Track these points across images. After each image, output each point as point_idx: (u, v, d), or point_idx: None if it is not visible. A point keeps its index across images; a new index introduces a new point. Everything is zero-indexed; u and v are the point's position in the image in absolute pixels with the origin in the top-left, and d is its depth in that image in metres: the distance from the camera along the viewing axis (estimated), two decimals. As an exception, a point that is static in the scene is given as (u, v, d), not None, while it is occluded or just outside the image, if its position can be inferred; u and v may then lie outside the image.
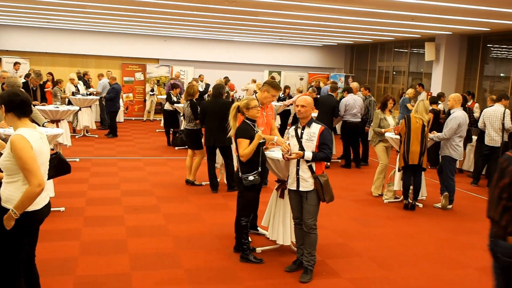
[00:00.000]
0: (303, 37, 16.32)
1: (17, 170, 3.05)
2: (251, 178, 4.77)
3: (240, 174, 4.86)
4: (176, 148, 11.57)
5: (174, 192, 7.63)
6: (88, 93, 13.17)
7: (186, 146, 9.00)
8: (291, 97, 13.51)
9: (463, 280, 4.81)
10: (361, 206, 7.33)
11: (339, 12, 9.97)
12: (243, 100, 4.96)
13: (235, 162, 6.08)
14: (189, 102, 8.20)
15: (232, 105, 5.03)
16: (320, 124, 4.54)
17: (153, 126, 15.58)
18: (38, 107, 8.58)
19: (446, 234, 6.21)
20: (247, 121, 4.92)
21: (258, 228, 5.79)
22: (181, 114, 11.17)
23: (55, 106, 10.12)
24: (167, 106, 11.79)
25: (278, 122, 12.96)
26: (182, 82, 15.23)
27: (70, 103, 12.13)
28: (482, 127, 8.98)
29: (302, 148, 4.47)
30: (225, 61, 18.47)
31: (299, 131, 4.56)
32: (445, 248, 5.70)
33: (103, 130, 13.56)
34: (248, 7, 10.07)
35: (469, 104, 10.73)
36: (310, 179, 4.46)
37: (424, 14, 9.86)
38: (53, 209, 4.03)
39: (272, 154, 5.07)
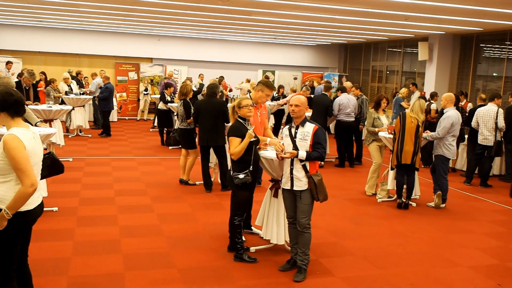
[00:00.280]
0: (297, 36, 16.33)
1: (10, 170, 3.03)
2: (241, 176, 4.76)
3: (231, 173, 4.87)
4: (170, 147, 11.54)
5: (167, 191, 7.61)
6: (81, 92, 13.12)
7: (180, 146, 8.99)
8: (285, 96, 13.52)
9: (455, 278, 4.84)
10: (354, 205, 7.35)
11: (333, 11, 9.99)
12: (237, 99, 5.03)
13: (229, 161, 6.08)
14: (182, 102, 8.20)
15: (225, 104, 5.05)
16: (314, 123, 4.55)
17: (146, 125, 15.54)
18: (31, 107, 8.53)
19: (439, 233, 6.24)
20: (240, 119, 4.95)
21: (252, 227, 5.80)
22: (175, 114, 11.15)
23: (48, 105, 10.07)
24: (161, 106, 11.76)
25: (272, 122, 12.97)
26: (176, 82, 15.21)
27: (63, 103, 12.07)
28: (475, 126, 9.03)
29: (296, 147, 4.48)
30: (219, 60, 18.46)
31: (293, 131, 4.57)
32: (438, 246, 5.74)
33: (97, 130, 13.51)
34: (241, 7, 10.07)
35: (462, 103, 10.79)
36: (304, 179, 4.47)
37: (417, 14, 9.90)
38: (46, 209, 4.01)
39: (266, 153, 5.08)
